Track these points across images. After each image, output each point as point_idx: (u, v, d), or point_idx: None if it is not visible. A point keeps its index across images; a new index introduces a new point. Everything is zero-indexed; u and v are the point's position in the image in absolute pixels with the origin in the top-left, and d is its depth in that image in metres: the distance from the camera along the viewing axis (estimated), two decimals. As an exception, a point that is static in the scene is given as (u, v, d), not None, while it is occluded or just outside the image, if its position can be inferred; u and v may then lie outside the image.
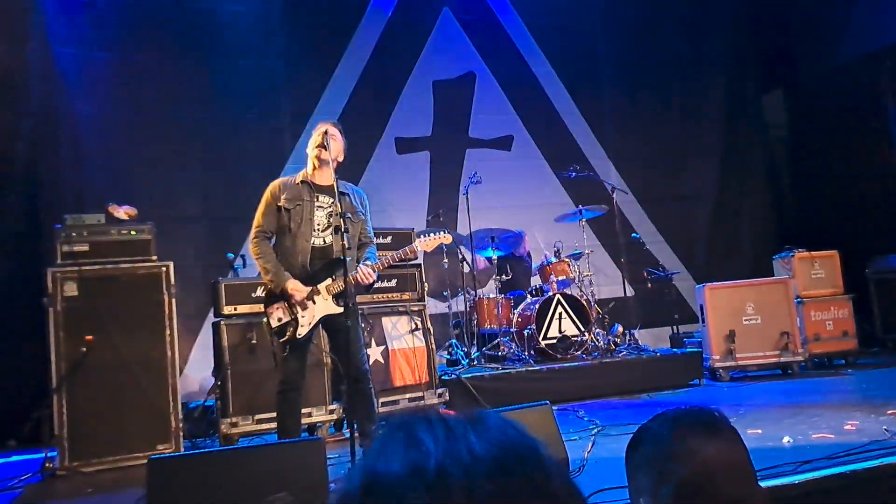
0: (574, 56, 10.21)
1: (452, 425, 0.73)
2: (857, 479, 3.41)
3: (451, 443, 0.71)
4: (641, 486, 1.38)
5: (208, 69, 8.22)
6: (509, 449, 0.72)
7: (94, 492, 4.65)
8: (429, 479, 0.67)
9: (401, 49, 9.37)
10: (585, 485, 3.53)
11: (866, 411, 4.97)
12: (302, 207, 4.46)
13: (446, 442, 0.71)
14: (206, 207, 8.15)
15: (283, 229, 4.47)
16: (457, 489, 0.67)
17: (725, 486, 1.30)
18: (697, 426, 1.37)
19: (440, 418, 0.75)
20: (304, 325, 4.36)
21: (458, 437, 0.72)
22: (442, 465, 0.68)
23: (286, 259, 4.45)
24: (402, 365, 6.51)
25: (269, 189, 4.57)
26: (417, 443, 0.71)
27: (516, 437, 0.74)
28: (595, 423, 5.41)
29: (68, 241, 5.43)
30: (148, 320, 5.53)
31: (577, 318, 7.53)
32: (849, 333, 7.88)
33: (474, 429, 0.73)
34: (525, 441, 0.74)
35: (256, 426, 5.77)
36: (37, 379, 6.04)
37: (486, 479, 0.68)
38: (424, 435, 0.72)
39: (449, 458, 0.69)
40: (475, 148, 9.64)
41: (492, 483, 0.68)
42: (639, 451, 1.42)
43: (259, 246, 4.45)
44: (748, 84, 11.25)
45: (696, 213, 10.70)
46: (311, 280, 4.42)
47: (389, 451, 0.71)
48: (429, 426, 0.73)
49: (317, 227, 4.48)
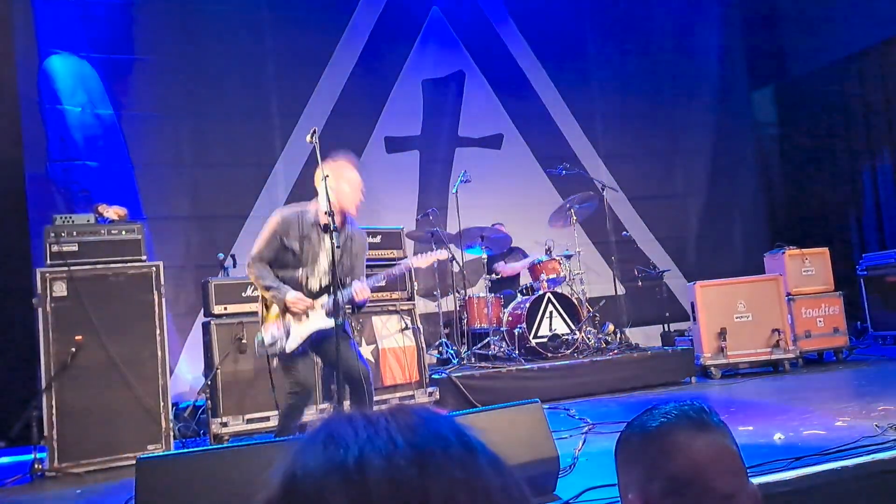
0: (564, 54, 10.21)
1: (374, 419, 0.71)
2: (848, 474, 3.42)
3: (371, 435, 0.68)
4: (630, 480, 1.37)
5: (197, 68, 8.19)
6: (435, 437, 0.69)
7: (84, 493, 4.63)
8: (348, 473, 0.64)
9: (390, 48, 9.35)
10: (576, 482, 3.53)
11: (857, 407, 4.99)
12: (311, 247, 4.35)
13: (366, 435, 0.68)
14: (196, 207, 8.11)
15: (284, 263, 4.38)
16: (377, 479, 0.64)
17: (715, 480, 1.29)
18: (686, 421, 1.37)
19: (362, 415, 0.72)
20: (295, 339, 4.30)
21: (378, 430, 0.69)
22: (361, 457, 0.65)
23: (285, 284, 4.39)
24: (393, 364, 6.51)
25: (278, 220, 4.40)
26: (336, 440, 0.68)
27: (446, 426, 0.71)
28: (586, 421, 5.40)
29: (57, 241, 5.39)
30: (138, 320, 5.50)
31: (567, 317, 7.53)
32: (839, 330, 7.89)
33: (397, 421, 0.70)
34: (455, 431, 0.71)
35: (247, 426, 5.76)
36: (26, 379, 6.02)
37: (409, 464, 0.65)
38: (344, 431, 0.69)
39: (368, 449, 0.66)
40: (465, 147, 9.63)
41: (415, 467, 0.65)
42: (628, 445, 1.42)
43: (257, 269, 4.33)
44: (738, 81, 11.28)
45: (686, 210, 10.72)
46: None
47: (307, 452, 0.68)
48: (349, 423, 0.70)
49: (317, 271, 4.38)
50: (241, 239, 7.84)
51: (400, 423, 0.70)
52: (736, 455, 1.36)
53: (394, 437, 0.68)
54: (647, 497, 1.32)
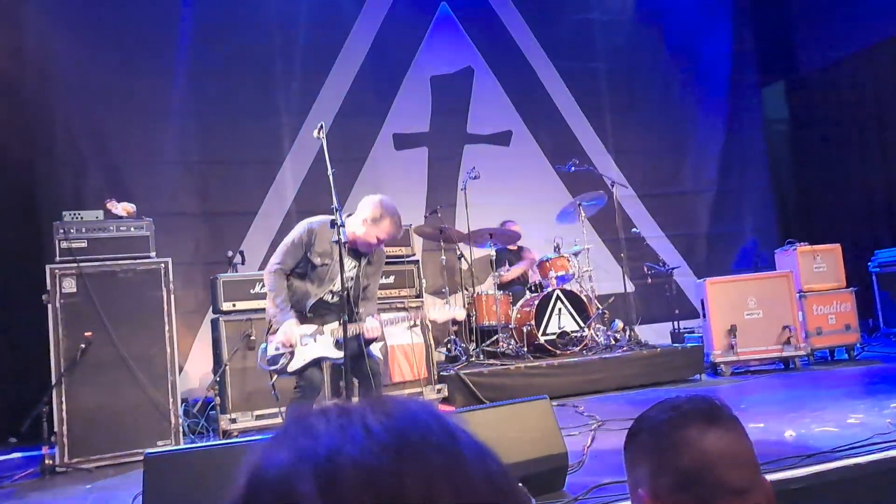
0: (573, 50, 10.17)
1: (348, 408, 0.67)
2: (860, 472, 3.39)
3: (344, 423, 0.64)
4: (640, 475, 1.35)
5: (206, 66, 8.18)
6: (413, 422, 0.65)
7: (94, 488, 4.64)
8: (317, 463, 0.60)
9: (398, 44, 9.33)
10: (585, 479, 3.51)
11: (869, 404, 4.95)
12: (329, 267, 4.38)
13: (339, 423, 0.64)
14: (204, 204, 8.12)
15: (302, 275, 4.42)
16: (348, 468, 0.60)
17: (726, 474, 1.27)
18: (696, 414, 1.35)
19: (336, 406, 0.68)
20: (298, 361, 4.30)
21: (353, 418, 0.65)
22: (332, 446, 0.62)
23: (294, 296, 4.41)
24: (401, 361, 6.51)
25: (304, 230, 4.42)
26: (308, 429, 0.64)
27: (425, 412, 0.67)
28: (594, 418, 5.38)
29: (66, 238, 5.42)
30: (147, 317, 5.52)
31: (576, 314, 7.51)
32: (851, 327, 7.84)
33: (374, 410, 0.66)
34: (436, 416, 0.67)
35: (256, 422, 5.79)
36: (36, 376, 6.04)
37: (383, 449, 0.61)
38: (317, 422, 0.65)
39: (341, 438, 0.62)
40: (473, 143, 9.60)
41: (390, 452, 0.61)
42: (637, 440, 1.40)
43: (274, 280, 4.37)
44: (749, 77, 11.22)
45: (696, 207, 10.67)
46: (317, 320, 4.41)
47: (278, 444, 0.65)
48: (322, 414, 0.66)
49: (333, 287, 4.42)
50: (250, 236, 7.85)
51: (376, 409, 0.66)
52: (748, 449, 1.34)
53: (369, 423, 0.64)
54: (657, 492, 1.30)
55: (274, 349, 4.32)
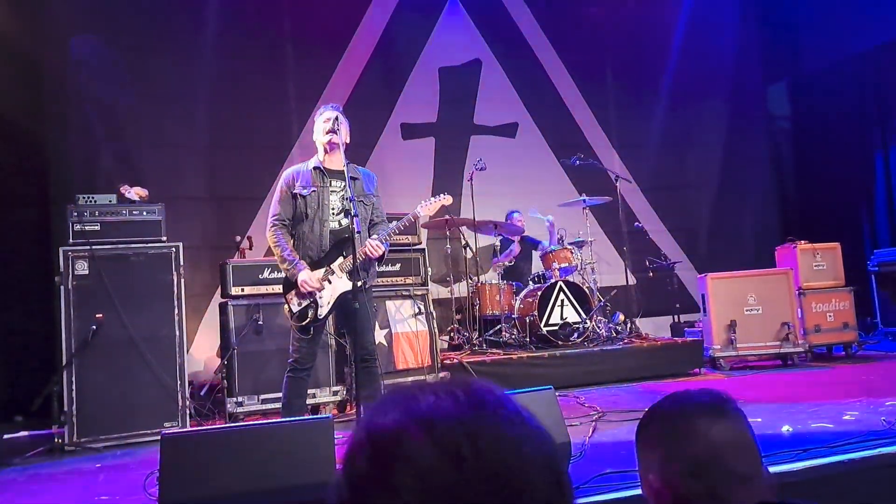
0: (579, 45, 10.22)
1: (434, 384, 0.86)
2: (854, 467, 3.47)
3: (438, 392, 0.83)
4: (651, 462, 1.44)
5: (217, 52, 8.23)
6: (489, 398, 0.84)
7: (103, 467, 4.73)
8: (422, 417, 0.79)
9: (407, 36, 9.38)
10: (586, 469, 3.59)
11: (865, 402, 5.03)
12: (317, 193, 4.54)
13: (434, 393, 0.83)
14: (213, 189, 8.19)
15: (300, 216, 4.55)
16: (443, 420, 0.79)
17: (732, 464, 1.36)
18: (705, 407, 1.44)
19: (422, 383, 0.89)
20: (324, 306, 4.47)
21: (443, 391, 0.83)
22: (431, 406, 0.80)
23: (304, 244, 4.54)
24: (405, 348, 6.59)
25: (283, 178, 4.66)
26: (410, 398, 0.83)
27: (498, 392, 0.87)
28: (595, 408, 5.47)
29: (80, 221, 5.51)
30: (157, 299, 5.61)
31: (578, 306, 7.59)
32: (849, 325, 7.91)
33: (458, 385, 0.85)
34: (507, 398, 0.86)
35: (262, 406, 5.87)
36: (46, 356, 6.13)
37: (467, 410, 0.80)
38: (416, 392, 0.84)
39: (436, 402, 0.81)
40: (480, 135, 9.66)
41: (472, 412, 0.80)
42: (648, 429, 1.49)
43: (276, 234, 4.53)
44: (753, 75, 11.27)
45: (699, 202, 10.74)
46: (324, 261, 4.51)
47: (385, 408, 0.82)
48: (419, 388, 0.85)
49: (332, 211, 4.55)
50: (258, 221, 7.91)
51: (460, 385, 0.85)
52: (752, 441, 1.43)
53: (456, 394, 0.83)
54: (668, 477, 1.39)
55: (297, 305, 4.45)
